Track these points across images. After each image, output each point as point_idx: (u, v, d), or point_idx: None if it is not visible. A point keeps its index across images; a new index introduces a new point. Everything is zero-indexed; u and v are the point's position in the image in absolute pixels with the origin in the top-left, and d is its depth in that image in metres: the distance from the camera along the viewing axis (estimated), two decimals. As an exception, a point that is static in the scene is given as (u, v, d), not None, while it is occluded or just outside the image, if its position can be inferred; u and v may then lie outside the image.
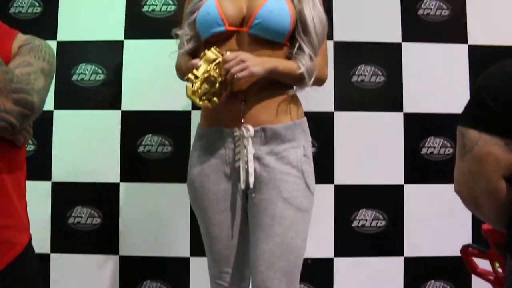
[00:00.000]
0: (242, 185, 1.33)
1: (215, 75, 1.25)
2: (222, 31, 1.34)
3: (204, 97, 1.26)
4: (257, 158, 1.34)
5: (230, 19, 1.35)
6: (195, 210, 1.49)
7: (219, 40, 1.36)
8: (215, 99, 1.26)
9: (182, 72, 1.43)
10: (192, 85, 1.24)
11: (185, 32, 1.43)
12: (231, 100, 1.35)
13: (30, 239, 1.25)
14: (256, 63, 1.27)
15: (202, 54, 1.28)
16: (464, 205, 1.22)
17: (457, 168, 1.21)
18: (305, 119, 1.46)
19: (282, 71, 1.33)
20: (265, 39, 1.35)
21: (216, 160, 1.38)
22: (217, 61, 1.27)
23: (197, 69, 1.25)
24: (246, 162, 1.32)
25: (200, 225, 1.47)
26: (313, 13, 1.35)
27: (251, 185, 1.31)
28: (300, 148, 1.38)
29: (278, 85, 1.39)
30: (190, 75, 1.25)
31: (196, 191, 1.42)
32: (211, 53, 1.26)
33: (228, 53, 1.27)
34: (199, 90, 1.24)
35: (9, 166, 1.24)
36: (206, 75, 1.25)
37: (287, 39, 1.38)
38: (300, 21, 1.36)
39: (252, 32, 1.34)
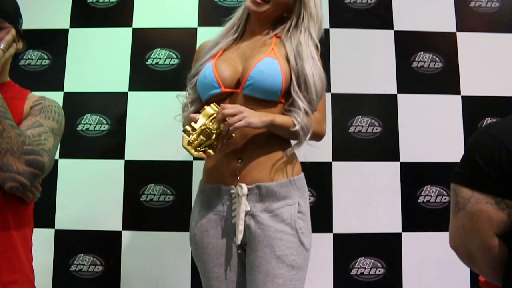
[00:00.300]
0: (237, 241, 1.37)
1: (212, 128, 1.31)
2: (218, 93, 1.42)
3: (199, 148, 1.31)
4: (252, 215, 1.38)
5: (225, 81, 1.42)
6: (196, 262, 1.52)
7: (216, 100, 1.42)
8: (210, 151, 1.31)
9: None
10: (189, 136, 1.30)
11: (188, 95, 1.52)
12: (228, 158, 1.42)
13: None
14: (253, 115, 1.33)
15: (202, 109, 1.34)
16: (460, 259, 1.27)
17: (451, 224, 1.26)
18: (301, 175, 1.51)
19: (279, 125, 1.38)
20: (258, 98, 1.42)
21: (215, 216, 1.43)
22: (215, 115, 1.33)
23: (195, 122, 1.31)
24: (238, 221, 1.37)
25: (201, 278, 1.51)
26: (313, 70, 1.42)
27: (238, 242, 1.36)
28: (295, 205, 1.42)
29: (274, 142, 1.45)
30: (187, 127, 1.31)
31: (197, 245, 1.47)
32: (210, 108, 1.33)
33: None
34: (195, 142, 1.30)
35: (18, 222, 1.30)
36: (203, 127, 1.31)
37: (281, 97, 1.44)
38: (300, 78, 1.42)
39: (245, 93, 1.41)
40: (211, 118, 1.32)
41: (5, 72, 1.36)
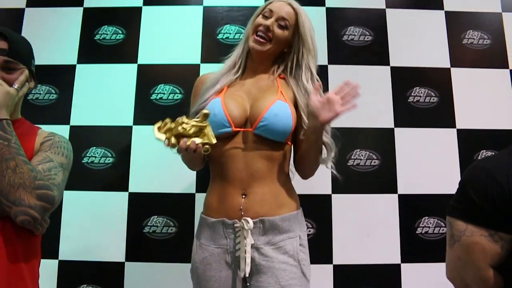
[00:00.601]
0: (242, 274, 1.41)
1: (187, 128, 1.33)
2: (229, 132, 1.47)
3: (168, 134, 1.34)
4: (255, 248, 1.43)
5: (235, 120, 1.48)
6: None
7: (224, 137, 1.49)
8: (173, 140, 1.33)
9: (187, 161, 1.58)
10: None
11: None
12: (232, 194, 1.47)
13: None
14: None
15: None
16: None
17: (447, 256, 1.31)
18: (301, 209, 1.58)
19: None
20: (268, 138, 1.48)
21: (218, 249, 1.47)
22: (200, 125, 1.35)
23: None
24: (245, 254, 1.41)
25: None
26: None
27: (247, 274, 1.40)
28: (297, 238, 1.48)
29: (276, 178, 1.52)
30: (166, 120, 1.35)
31: (199, 278, 1.50)
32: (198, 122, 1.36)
33: None
34: (166, 126, 1.34)
35: (27, 254, 1.35)
36: (181, 122, 1.33)
37: (288, 139, 1.52)
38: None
39: (257, 133, 1.48)
40: (193, 124, 1.34)
41: (17, 109, 1.44)
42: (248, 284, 1.46)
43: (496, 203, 1.19)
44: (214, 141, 1.35)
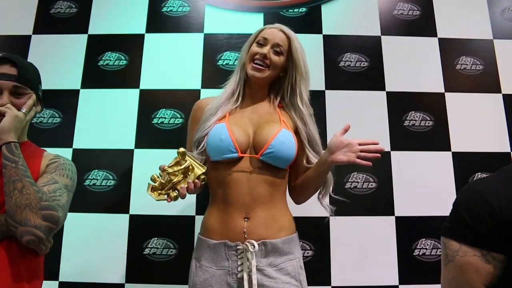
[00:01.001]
0: None
1: (176, 179, 1.43)
2: (235, 157, 1.53)
3: (162, 192, 1.43)
4: (258, 269, 1.46)
5: (241, 146, 1.53)
6: None
7: (228, 162, 1.54)
8: (173, 193, 1.42)
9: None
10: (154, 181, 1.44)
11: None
12: (235, 217, 1.51)
13: None
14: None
15: (176, 158, 1.47)
16: None
17: (442, 275, 1.33)
18: (297, 233, 1.62)
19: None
20: (272, 165, 1.54)
21: (220, 271, 1.50)
22: (185, 166, 1.43)
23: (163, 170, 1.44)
24: (249, 273, 1.44)
25: None
26: (314, 128, 1.66)
27: None
28: (296, 260, 1.54)
29: (277, 202, 1.57)
30: (153, 175, 1.45)
31: None
32: (187, 161, 1.45)
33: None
34: (158, 186, 1.43)
35: (30, 274, 1.38)
36: (171, 176, 1.43)
37: (290, 165, 1.58)
38: (311, 140, 1.64)
39: (263, 159, 1.53)
40: (180, 169, 1.43)
41: (24, 133, 1.50)
42: None
43: (488, 224, 1.20)
44: (204, 169, 1.45)
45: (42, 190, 1.35)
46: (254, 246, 1.45)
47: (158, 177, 1.44)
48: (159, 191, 1.44)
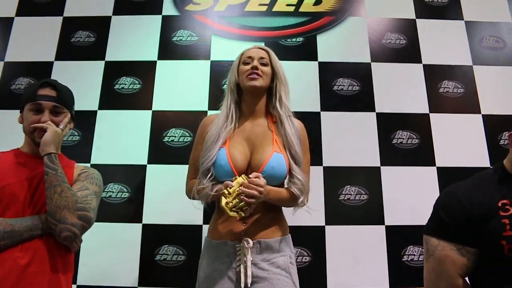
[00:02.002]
0: (242, 285, 1.65)
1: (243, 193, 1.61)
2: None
3: (234, 209, 1.60)
4: (253, 263, 1.68)
5: (240, 170, 1.73)
6: None
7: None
8: (241, 212, 1.61)
9: (194, 192, 1.78)
10: (226, 198, 1.60)
11: (208, 184, 1.72)
12: (235, 221, 1.72)
13: None
14: (263, 196, 1.65)
15: (233, 178, 1.64)
16: None
17: (424, 269, 1.53)
18: (289, 235, 1.83)
19: (276, 200, 1.74)
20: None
21: (221, 265, 1.72)
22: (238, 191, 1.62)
23: (230, 187, 1.61)
24: (245, 267, 1.66)
25: None
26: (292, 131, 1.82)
27: (249, 285, 1.64)
28: (287, 256, 1.75)
29: (271, 209, 1.78)
30: (225, 190, 1.60)
31: None
32: (241, 178, 1.62)
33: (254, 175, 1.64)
34: (230, 204, 1.60)
35: (64, 267, 1.60)
36: (238, 191, 1.59)
37: (283, 181, 1.81)
38: (293, 155, 1.78)
39: None
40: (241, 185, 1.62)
41: (59, 146, 1.73)
42: None
43: (461, 222, 1.42)
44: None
45: (77, 194, 1.58)
46: (249, 243, 1.67)
47: (229, 195, 1.60)
48: (232, 208, 1.61)
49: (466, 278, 1.51)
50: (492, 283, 1.42)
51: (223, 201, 1.60)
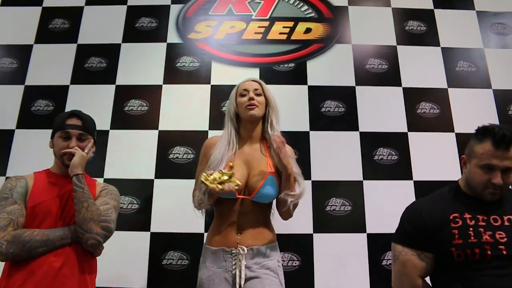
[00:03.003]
0: (237, 286, 1.87)
1: (226, 176, 1.81)
2: (233, 198, 1.96)
3: (215, 181, 1.78)
4: (247, 267, 1.91)
5: (238, 189, 1.92)
6: None
7: (229, 200, 1.96)
8: (219, 185, 1.74)
9: (206, 203, 1.94)
10: (208, 177, 1.79)
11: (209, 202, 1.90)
12: (230, 232, 1.94)
13: None
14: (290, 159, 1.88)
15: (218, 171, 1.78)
16: None
17: (392, 271, 1.78)
18: (277, 243, 1.98)
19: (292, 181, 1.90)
20: (259, 202, 1.99)
21: (219, 269, 1.92)
22: (231, 172, 1.83)
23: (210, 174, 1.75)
24: (240, 270, 1.88)
25: None
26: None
27: (242, 285, 1.86)
28: (275, 260, 1.96)
29: (261, 221, 2.00)
30: (204, 173, 1.75)
31: None
32: (223, 174, 1.82)
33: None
34: (211, 177, 1.73)
35: (89, 269, 1.89)
36: (216, 176, 1.80)
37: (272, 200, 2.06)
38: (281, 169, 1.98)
39: (253, 199, 1.97)
40: (228, 174, 1.82)
41: (83, 167, 1.97)
42: None
43: (420, 232, 1.68)
44: (240, 183, 1.86)
45: (100, 208, 1.89)
46: (244, 250, 1.84)
47: (211, 174, 1.75)
48: (212, 182, 1.79)
49: (427, 279, 1.76)
50: (445, 283, 1.67)
51: (203, 176, 1.74)
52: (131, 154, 2.83)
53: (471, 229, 1.62)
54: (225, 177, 1.82)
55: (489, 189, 1.65)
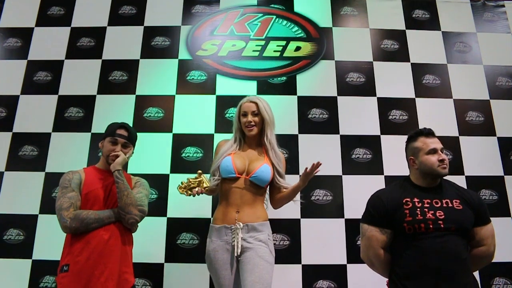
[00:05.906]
0: (235, 254, 2.20)
1: (193, 184, 2.25)
2: (234, 176, 2.52)
3: (185, 189, 2.22)
4: (243, 239, 2.23)
5: (239, 170, 2.50)
6: (210, 272, 2.31)
7: (230, 179, 2.48)
8: (190, 191, 2.21)
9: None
10: (182, 185, 2.24)
11: (215, 177, 2.44)
12: (231, 211, 2.36)
13: (134, 284, 2.30)
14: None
15: (198, 173, 2.26)
16: (367, 265, 2.18)
17: (360, 245, 2.20)
18: (268, 221, 2.37)
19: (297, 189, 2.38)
20: (255, 183, 2.51)
21: (222, 242, 2.29)
22: (198, 179, 2.31)
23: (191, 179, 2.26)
24: (237, 242, 2.20)
25: (213, 280, 2.29)
26: (279, 160, 2.57)
27: (237, 253, 2.19)
28: (266, 234, 2.31)
29: (256, 202, 2.43)
30: (183, 181, 2.24)
31: (211, 259, 2.30)
32: (190, 182, 2.28)
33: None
34: (184, 186, 2.22)
35: (129, 242, 2.42)
36: (189, 183, 2.23)
37: (266, 185, 2.60)
38: (279, 171, 2.53)
39: (250, 179, 2.50)
40: (196, 181, 2.33)
41: (123, 167, 2.53)
42: (239, 259, 2.20)
43: (381, 213, 2.14)
44: (209, 184, 2.26)
45: (136, 196, 2.43)
46: (240, 225, 2.23)
47: (184, 182, 2.22)
48: (183, 190, 2.21)
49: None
50: (400, 250, 2.02)
51: (178, 185, 2.24)
52: (150, 153, 3.20)
53: (418, 209, 1.98)
54: (194, 184, 2.26)
55: (441, 165, 2.03)
